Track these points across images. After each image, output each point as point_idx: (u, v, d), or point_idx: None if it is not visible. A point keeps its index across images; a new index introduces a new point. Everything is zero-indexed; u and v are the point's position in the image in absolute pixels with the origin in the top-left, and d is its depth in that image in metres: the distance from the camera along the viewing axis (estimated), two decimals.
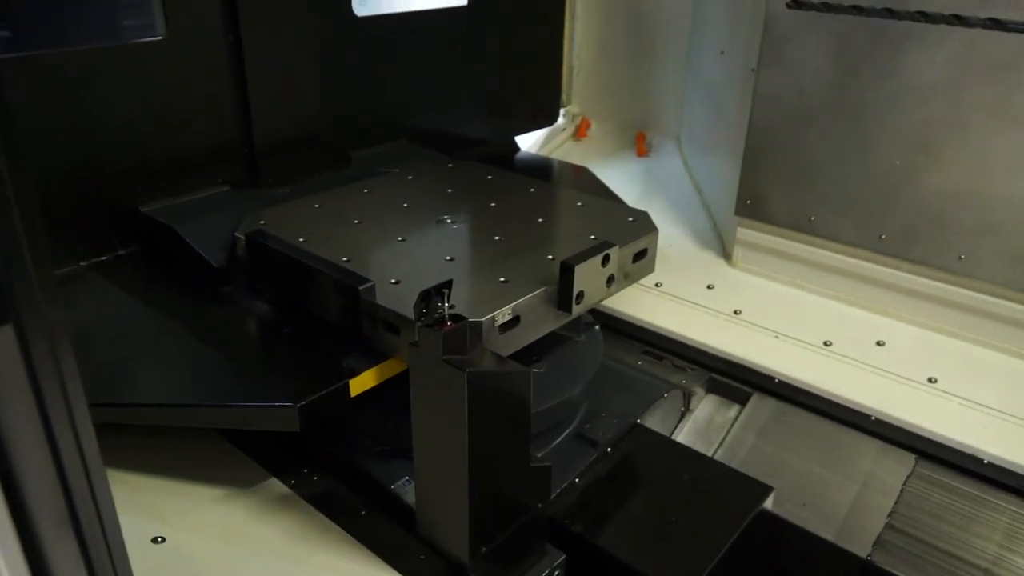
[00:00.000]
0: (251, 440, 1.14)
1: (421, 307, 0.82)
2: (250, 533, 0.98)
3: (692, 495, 1.17)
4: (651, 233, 1.22)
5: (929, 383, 1.37)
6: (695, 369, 1.48)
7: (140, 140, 1.29)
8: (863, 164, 1.49)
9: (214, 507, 1.01)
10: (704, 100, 2.02)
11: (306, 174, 1.49)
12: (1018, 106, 1.31)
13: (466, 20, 1.73)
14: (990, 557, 1.15)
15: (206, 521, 0.99)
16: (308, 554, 0.96)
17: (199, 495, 1.03)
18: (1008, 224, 1.36)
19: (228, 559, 0.94)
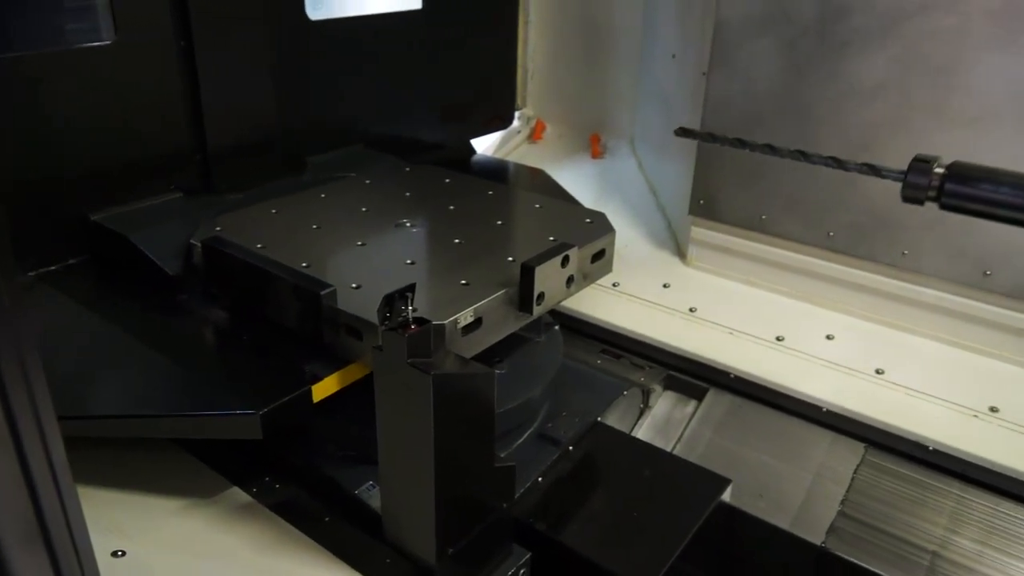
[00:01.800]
0: (210, 449, 1.13)
1: (385, 311, 0.83)
2: (213, 543, 0.97)
3: (652, 490, 1.19)
4: (608, 234, 1.24)
5: (877, 374, 1.42)
6: (653, 367, 1.51)
7: (90, 147, 1.26)
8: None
9: (175, 519, 1.00)
10: (656, 103, 2.06)
11: (261, 180, 1.48)
12: (955, 107, 1.36)
13: (421, 24, 1.73)
14: (937, 540, 1.20)
15: (167, 533, 0.97)
16: (273, 562, 0.95)
17: (158, 507, 1.02)
18: (948, 220, 1.41)
19: (191, 571, 0.93)
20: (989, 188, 0.89)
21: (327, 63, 1.57)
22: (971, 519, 1.22)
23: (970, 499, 1.25)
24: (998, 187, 0.88)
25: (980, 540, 1.19)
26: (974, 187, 0.90)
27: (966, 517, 1.23)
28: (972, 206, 0.91)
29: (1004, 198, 0.88)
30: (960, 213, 0.93)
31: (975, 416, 1.32)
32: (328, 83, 1.59)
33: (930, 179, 0.92)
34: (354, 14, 1.63)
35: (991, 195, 0.89)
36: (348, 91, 1.64)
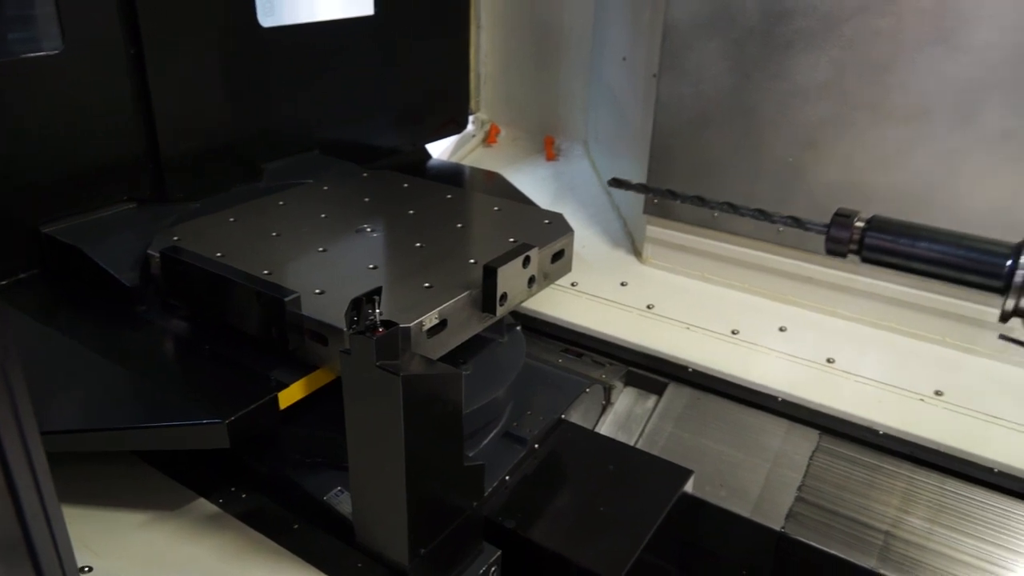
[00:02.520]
0: (173, 461, 1.12)
1: (352, 314, 0.83)
2: (181, 555, 0.96)
3: (617, 484, 1.22)
4: (567, 234, 1.26)
5: (828, 363, 1.47)
6: (613, 364, 1.54)
7: (39, 158, 1.24)
8: (759, 162, 1.58)
9: (141, 532, 0.99)
10: (608, 105, 2.10)
11: (216, 188, 1.47)
12: (893, 104, 1.42)
13: (373, 30, 1.73)
14: (890, 520, 1.25)
15: (134, 547, 0.96)
16: (243, 572, 0.95)
17: (124, 521, 1.00)
18: (890, 213, 1.46)
19: None
20: (907, 242, 0.90)
21: (280, 69, 1.57)
22: (921, 499, 1.27)
23: (919, 480, 1.30)
24: (915, 241, 0.90)
25: (930, 519, 1.25)
26: (893, 241, 0.91)
27: (916, 497, 1.28)
28: (891, 259, 0.92)
29: (921, 252, 0.90)
30: (881, 266, 0.94)
31: (921, 400, 1.38)
32: (282, 89, 1.58)
33: (851, 233, 0.93)
34: (306, 21, 1.63)
35: (908, 249, 0.90)
36: (302, 97, 1.63)
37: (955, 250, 0.87)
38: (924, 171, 1.42)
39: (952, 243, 0.88)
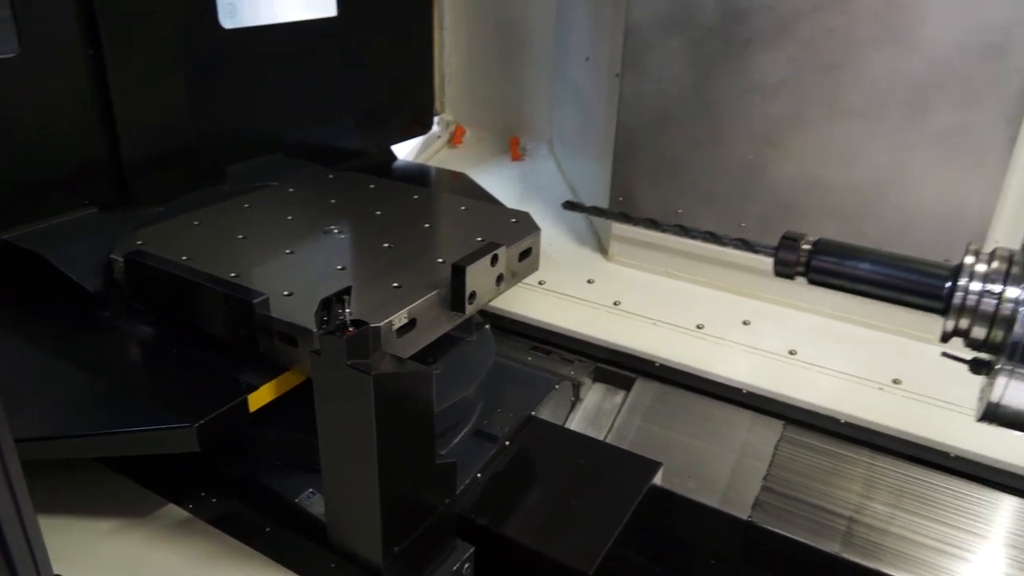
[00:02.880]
0: (140, 467, 1.11)
1: (322, 314, 0.84)
2: (153, 561, 0.95)
3: (588, 478, 1.23)
4: (534, 233, 1.27)
5: (790, 355, 1.50)
6: (582, 360, 1.55)
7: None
8: (720, 159, 1.61)
9: (111, 539, 0.98)
10: (573, 104, 2.12)
11: (180, 191, 1.45)
12: (847, 100, 1.46)
13: (336, 32, 1.73)
14: (853, 506, 1.28)
15: (105, 554, 0.95)
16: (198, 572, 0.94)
17: (93, 529, 0.99)
18: (846, 207, 1.51)
19: None
20: (851, 264, 0.91)
21: (243, 72, 1.56)
22: (882, 485, 1.31)
23: (880, 466, 1.34)
24: (859, 263, 0.91)
25: (891, 503, 1.28)
26: (837, 263, 0.92)
27: (877, 483, 1.32)
28: (836, 281, 0.93)
29: (864, 274, 0.91)
30: (827, 287, 0.95)
31: (880, 389, 1.42)
32: (245, 92, 1.57)
33: (798, 255, 0.94)
34: (268, 22, 1.62)
35: (853, 271, 0.91)
36: (266, 99, 1.62)
37: (897, 272, 0.88)
38: (877, 166, 1.46)
39: (894, 265, 0.89)
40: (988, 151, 1.35)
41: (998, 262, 0.79)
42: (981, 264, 0.80)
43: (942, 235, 1.44)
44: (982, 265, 0.80)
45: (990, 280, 0.79)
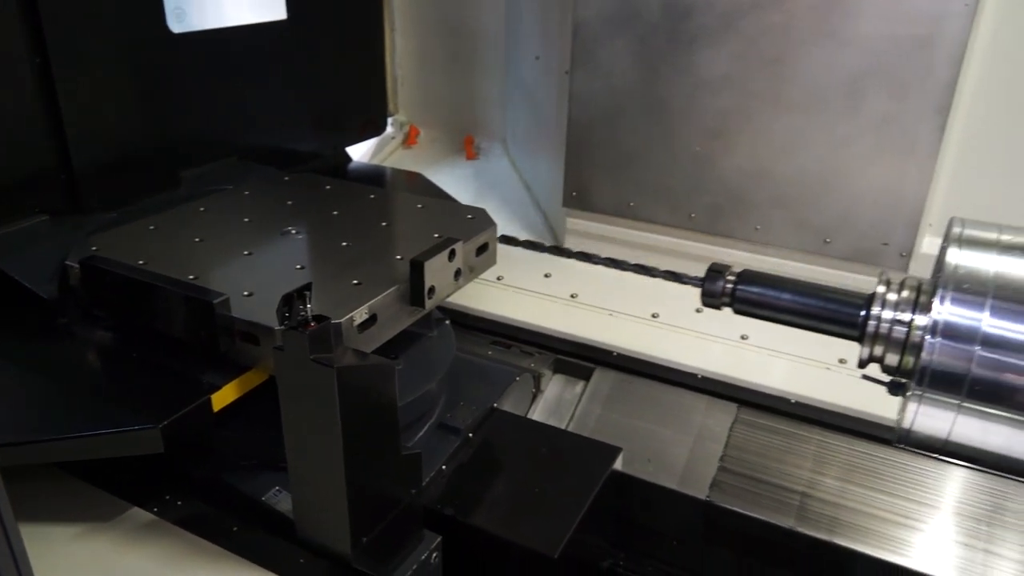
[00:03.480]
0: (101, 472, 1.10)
1: (284, 310, 0.85)
2: (120, 563, 0.96)
3: (550, 466, 1.26)
4: (490, 228, 1.29)
5: (742, 340, 1.55)
6: (542, 353, 1.58)
7: None
8: (670, 152, 1.66)
9: (76, 544, 0.98)
10: (525, 102, 2.15)
11: (133, 197, 1.45)
12: (790, 94, 1.51)
13: (286, 34, 1.73)
14: (805, 481, 1.33)
15: (71, 559, 0.95)
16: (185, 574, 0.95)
17: (57, 534, 0.99)
18: (791, 195, 1.57)
19: None
20: (773, 295, 0.93)
21: (194, 76, 1.55)
22: (832, 460, 1.36)
23: (830, 443, 1.39)
24: (780, 293, 0.93)
25: (842, 478, 1.33)
26: (760, 294, 0.94)
27: (828, 459, 1.37)
28: (759, 311, 0.95)
29: (785, 304, 0.93)
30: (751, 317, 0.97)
31: (827, 369, 1.47)
32: (197, 96, 1.57)
33: (723, 286, 0.96)
34: (217, 26, 1.61)
35: (774, 301, 0.93)
36: (218, 103, 1.62)
37: (815, 302, 0.91)
38: (819, 155, 1.52)
39: (812, 295, 0.91)
40: (920, 139, 1.42)
41: (908, 291, 0.82)
42: (892, 293, 0.83)
43: (881, 220, 1.50)
44: (893, 294, 0.83)
45: (900, 308, 0.81)
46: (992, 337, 0.74)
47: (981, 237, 0.81)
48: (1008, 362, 0.74)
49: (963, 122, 1.44)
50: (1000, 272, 0.77)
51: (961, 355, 0.75)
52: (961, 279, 0.77)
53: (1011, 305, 0.75)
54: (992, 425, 0.76)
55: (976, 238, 0.81)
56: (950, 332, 0.76)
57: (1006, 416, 0.75)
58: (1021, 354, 0.74)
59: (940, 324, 0.76)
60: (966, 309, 0.76)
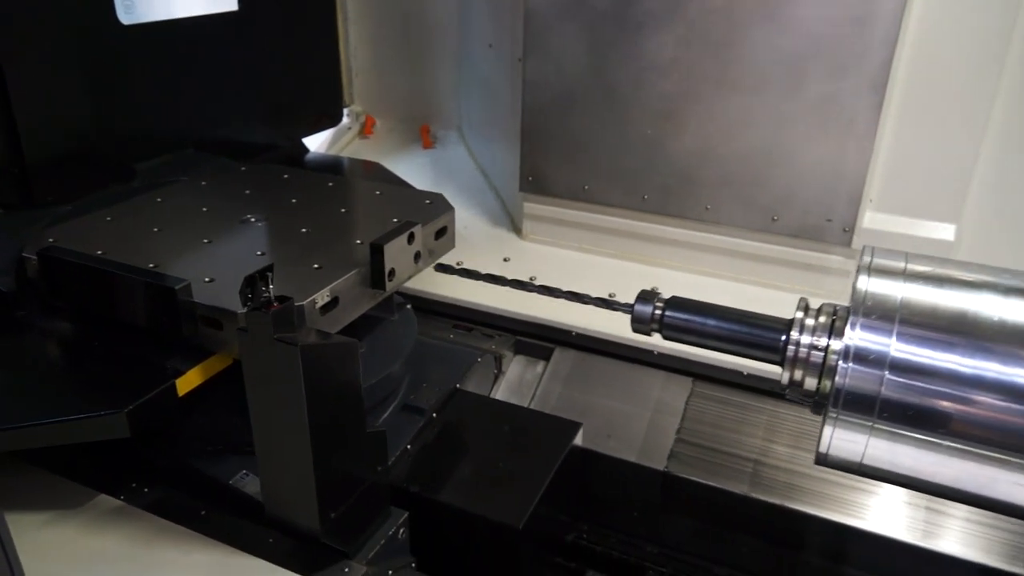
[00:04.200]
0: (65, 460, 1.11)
1: (247, 292, 0.87)
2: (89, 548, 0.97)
3: (513, 443, 1.30)
4: (448, 212, 1.32)
5: None
6: (502, 335, 1.61)
7: None
8: (622, 135, 1.70)
9: (43, 531, 0.98)
10: (479, 90, 2.17)
11: (87, 190, 1.44)
12: (735, 76, 1.56)
13: (238, 25, 1.73)
14: (758, 449, 1.39)
15: (37, 545, 0.96)
16: (155, 556, 0.96)
17: (23, 522, 0.99)
18: (739, 175, 1.62)
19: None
20: (699, 321, 0.96)
21: (146, 67, 1.54)
22: (783, 429, 1.42)
23: (781, 412, 1.45)
24: (706, 319, 0.96)
25: (791, 445, 1.39)
26: (687, 321, 0.97)
27: (779, 428, 1.43)
28: (687, 337, 0.98)
29: (711, 330, 0.95)
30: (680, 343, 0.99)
31: None
32: (149, 88, 1.56)
33: (652, 311, 0.98)
34: (167, 17, 1.61)
35: (700, 327, 0.96)
36: (171, 95, 1.61)
37: (739, 328, 0.93)
38: (764, 135, 1.57)
39: (737, 320, 0.94)
40: (858, 117, 1.48)
41: (824, 316, 0.86)
42: (810, 319, 0.86)
43: (824, 196, 1.56)
44: (811, 319, 0.86)
45: (817, 334, 0.85)
46: (899, 361, 0.78)
47: (888, 266, 0.84)
48: (914, 385, 0.77)
49: (899, 99, 1.50)
50: (906, 299, 0.80)
51: (871, 379, 0.78)
52: (870, 307, 0.80)
53: (916, 330, 0.78)
54: (900, 447, 0.80)
55: (884, 267, 0.84)
56: (861, 357, 0.79)
57: (914, 437, 0.79)
58: (926, 377, 0.77)
59: (852, 349, 0.79)
60: (875, 335, 0.79)
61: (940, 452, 0.79)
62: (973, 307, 0.79)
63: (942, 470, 0.80)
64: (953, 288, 0.81)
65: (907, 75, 1.48)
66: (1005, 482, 0.78)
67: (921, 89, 1.48)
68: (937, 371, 0.77)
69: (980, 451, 0.77)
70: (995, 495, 0.79)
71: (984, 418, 0.76)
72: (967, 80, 1.46)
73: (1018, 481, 0.77)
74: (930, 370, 0.77)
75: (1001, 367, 0.75)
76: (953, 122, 1.49)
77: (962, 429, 0.77)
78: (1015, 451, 0.76)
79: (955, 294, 0.81)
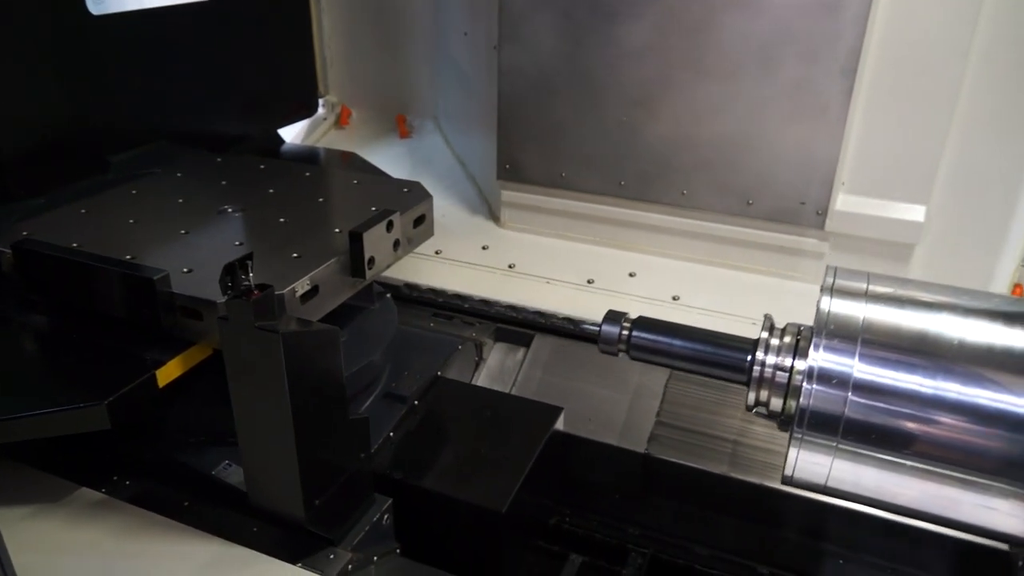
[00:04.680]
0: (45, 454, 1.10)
1: (227, 280, 0.87)
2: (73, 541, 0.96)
3: (494, 428, 1.30)
4: (426, 200, 1.32)
5: (674, 300, 1.61)
6: (482, 322, 1.62)
7: None
8: (598, 122, 1.70)
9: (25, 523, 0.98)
10: (455, 79, 2.17)
11: (59, 183, 1.42)
12: (709, 62, 1.57)
13: (211, 16, 1.71)
14: (736, 430, 1.40)
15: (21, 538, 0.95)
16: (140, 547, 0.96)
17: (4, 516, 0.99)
18: (714, 160, 1.63)
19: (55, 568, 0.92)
20: (666, 342, 0.96)
21: (117, 59, 1.53)
22: None
23: None
24: (673, 340, 0.95)
25: (770, 425, 1.40)
26: (654, 341, 0.97)
27: None
28: (654, 358, 0.97)
29: (678, 350, 0.95)
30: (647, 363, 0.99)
31: (753, 323, 1.54)
32: (121, 79, 1.54)
33: (620, 331, 0.98)
34: (138, 7, 1.59)
35: (667, 348, 0.96)
36: (145, 87, 1.59)
37: (705, 347, 0.94)
38: (738, 120, 1.58)
39: (703, 341, 0.94)
40: (830, 101, 1.50)
41: (789, 337, 0.86)
42: (775, 339, 0.87)
43: (798, 180, 1.58)
44: (776, 339, 0.86)
45: (783, 354, 0.85)
46: (862, 382, 0.78)
47: (851, 287, 0.85)
48: (877, 406, 0.78)
49: (869, 84, 1.52)
50: (868, 319, 0.81)
51: (835, 400, 0.79)
52: (833, 329, 0.81)
53: (878, 351, 0.79)
54: (864, 468, 0.80)
55: (846, 288, 0.85)
56: (824, 378, 0.79)
57: (877, 458, 0.79)
58: (888, 398, 0.78)
59: (816, 370, 0.79)
60: (838, 356, 0.79)
61: (903, 472, 0.79)
62: (934, 328, 0.79)
63: (905, 491, 0.80)
64: (914, 309, 0.82)
65: (876, 60, 1.50)
66: (967, 503, 0.78)
67: (890, 73, 1.50)
68: (898, 392, 0.77)
69: (942, 471, 0.78)
70: (958, 516, 0.80)
71: (945, 438, 0.77)
72: (935, 64, 1.48)
73: (980, 502, 0.77)
74: (892, 391, 0.77)
75: (961, 387, 0.76)
76: (922, 105, 1.52)
77: (924, 449, 0.77)
78: (976, 471, 0.76)
79: (916, 315, 0.81)
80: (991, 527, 0.79)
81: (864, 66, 1.48)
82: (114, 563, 0.94)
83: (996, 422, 0.75)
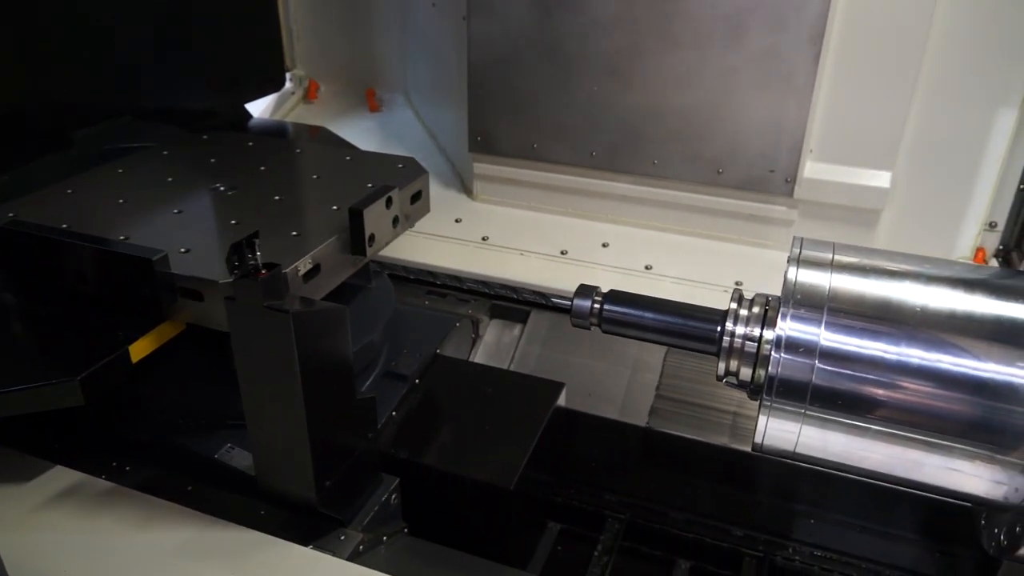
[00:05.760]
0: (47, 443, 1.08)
1: (234, 259, 0.83)
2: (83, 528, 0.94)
3: (497, 405, 1.29)
4: (422, 175, 1.28)
5: (647, 270, 1.61)
6: (477, 299, 1.59)
7: None
8: (569, 93, 1.68)
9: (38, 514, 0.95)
10: (425, 51, 2.12)
11: (19, 159, 1.35)
12: (678, 31, 1.55)
13: None
14: (736, 402, 1.41)
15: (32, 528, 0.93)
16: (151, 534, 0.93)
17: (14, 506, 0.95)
18: (684, 130, 1.62)
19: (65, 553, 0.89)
20: (636, 314, 0.95)
21: (77, 32, 1.45)
22: None
23: None
24: (643, 312, 0.95)
25: None
26: (624, 314, 0.96)
27: None
28: (626, 331, 0.97)
29: (649, 322, 0.95)
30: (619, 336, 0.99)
31: (725, 291, 1.53)
32: (81, 53, 1.46)
33: (591, 305, 0.97)
34: None
35: (638, 320, 0.95)
36: (106, 61, 1.52)
37: (675, 319, 0.94)
38: (708, 90, 1.57)
39: (673, 313, 0.94)
40: (797, 69, 1.50)
41: (757, 307, 0.87)
42: (744, 309, 0.87)
43: (767, 148, 1.58)
44: (744, 310, 0.87)
45: (751, 324, 0.86)
46: (828, 350, 0.79)
47: (817, 257, 0.86)
48: (842, 372, 0.79)
49: (835, 51, 1.52)
50: (834, 289, 0.82)
51: (802, 367, 0.80)
52: (800, 298, 0.82)
53: (843, 319, 0.80)
54: (831, 433, 0.82)
55: (812, 258, 0.86)
56: (792, 346, 0.80)
57: (843, 423, 0.81)
58: (853, 364, 0.79)
59: (783, 339, 0.80)
60: (805, 324, 0.80)
61: (868, 437, 0.81)
62: (897, 295, 0.81)
63: (871, 455, 0.82)
64: (878, 277, 0.83)
65: (842, 27, 1.50)
66: (931, 465, 0.80)
67: (856, 41, 1.50)
68: (864, 358, 0.79)
69: (907, 435, 0.79)
70: (922, 478, 0.82)
71: (908, 403, 0.78)
72: (900, 32, 1.49)
73: (943, 464, 0.80)
74: (857, 357, 0.79)
75: (924, 353, 0.77)
76: (887, 73, 1.53)
77: (889, 414, 0.79)
78: (939, 434, 0.78)
79: (880, 283, 0.83)
80: (954, 488, 0.82)
81: (830, 33, 1.48)
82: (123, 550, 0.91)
83: (958, 386, 0.77)
